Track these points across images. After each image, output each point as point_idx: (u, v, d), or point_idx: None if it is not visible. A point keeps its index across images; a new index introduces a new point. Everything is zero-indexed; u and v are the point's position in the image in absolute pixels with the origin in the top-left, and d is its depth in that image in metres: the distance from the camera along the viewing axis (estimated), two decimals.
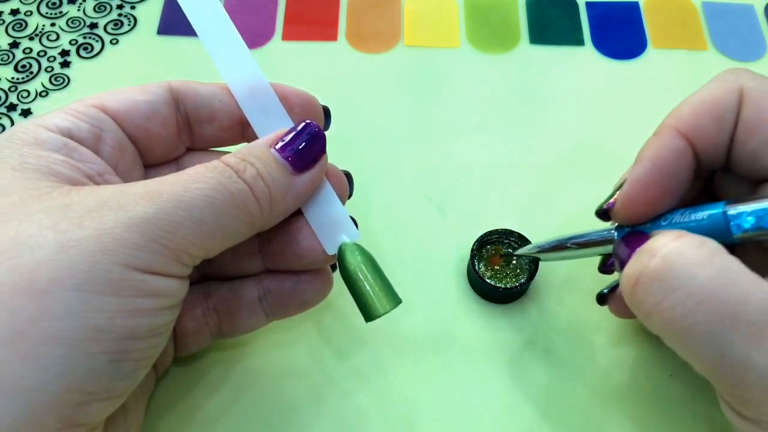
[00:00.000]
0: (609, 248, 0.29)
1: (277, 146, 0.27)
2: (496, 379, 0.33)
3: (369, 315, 0.28)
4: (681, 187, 0.27)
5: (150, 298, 0.23)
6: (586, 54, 0.45)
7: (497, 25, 0.46)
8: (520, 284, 0.34)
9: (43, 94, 0.42)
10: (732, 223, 0.25)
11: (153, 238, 0.22)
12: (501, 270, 0.34)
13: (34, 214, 0.22)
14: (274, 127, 0.28)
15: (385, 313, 0.28)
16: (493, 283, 0.34)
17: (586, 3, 0.47)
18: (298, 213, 0.29)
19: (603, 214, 0.29)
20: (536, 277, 0.34)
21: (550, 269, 0.36)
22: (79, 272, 0.21)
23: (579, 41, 0.45)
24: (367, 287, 0.28)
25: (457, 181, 0.39)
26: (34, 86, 0.42)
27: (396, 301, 0.28)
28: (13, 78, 0.43)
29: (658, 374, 0.33)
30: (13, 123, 0.41)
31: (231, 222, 0.25)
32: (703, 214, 0.26)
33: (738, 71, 0.27)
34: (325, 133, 0.28)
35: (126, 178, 0.27)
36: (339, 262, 0.29)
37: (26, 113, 0.41)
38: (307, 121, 0.28)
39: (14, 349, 0.20)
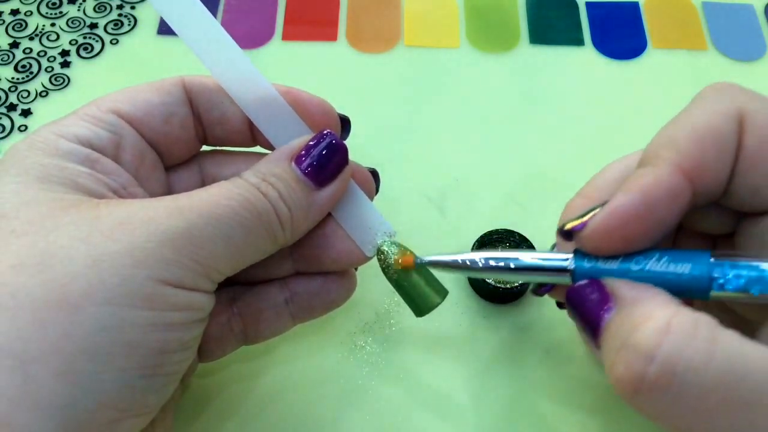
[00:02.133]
0: (560, 278, 0.25)
1: (297, 161, 0.26)
2: (496, 378, 0.33)
3: (421, 311, 0.28)
4: (666, 231, 0.24)
5: (181, 312, 0.23)
6: (586, 54, 0.45)
7: (497, 25, 0.46)
8: (520, 284, 0.34)
9: (43, 94, 0.42)
10: (715, 283, 0.22)
11: (184, 253, 0.22)
12: None
13: (63, 226, 0.22)
14: (289, 136, 0.27)
15: (436, 306, 0.28)
16: (493, 283, 0.34)
17: (586, 3, 0.47)
18: (331, 216, 0.28)
19: (566, 234, 0.25)
20: None
21: None
22: (112, 286, 0.21)
23: (579, 41, 0.45)
24: (416, 284, 0.28)
25: (457, 181, 0.39)
26: (34, 86, 0.42)
27: (444, 292, 0.29)
28: (13, 78, 0.43)
29: None
30: (13, 123, 0.41)
31: (257, 240, 0.25)
32: (684, 267, 0.23)
33: (730, 90, 0.24)
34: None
35: (147, 184, 0.27)
36: (380, 262, 0.29)
37: (26, 113, 0.41)
38: (326, 132, 0.27)
39: (48, 364, 0.20)
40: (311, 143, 0.26)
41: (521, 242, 0.35)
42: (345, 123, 0.29)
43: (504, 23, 0.46)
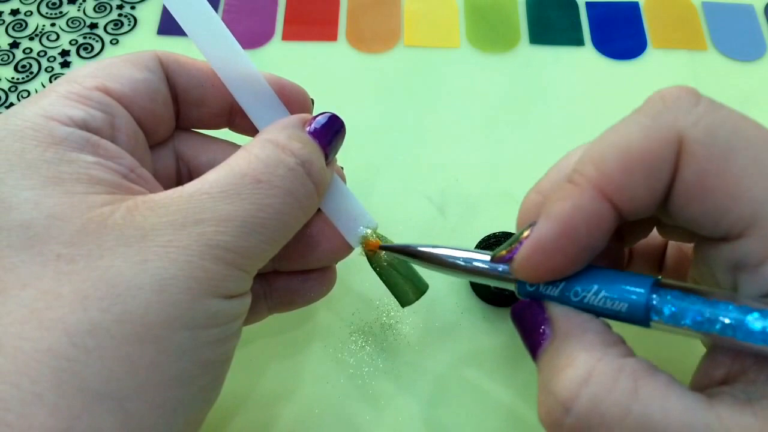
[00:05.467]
0: (508, 285, 0.25)
1: (312, 132, 0.26)
2: (496, 380, 0.33)
3: (406, 300, 0.30)
4: (594, 254, 0.23)
5: (238, 320, 0.23)
6: (586, 54, 0.45)
7: (497, 25, 0.46)
8: None
9: None
10: (652, 316, 0.21)
11: (235, 266, 0.22)
12: None
13: (112, 249, 0.21)
14: (270, 120, 0.27)
15: (418, 299, 0.30)
16: (497, 287, 0.34)
17: (586, 3, 0.47)
18: (316, 217, 0.29)
19: (498, 261, 0.24)
20: None
21: None
22: (185, 311, 0.21)
23: (579, 41, 0.45)
24: (401, 274, 0.29)
25: (457, 181, 0.39)
26: (34, 86, 0.42)
27: (425, 286, 0.30)
28: (13, 78, 0.43)
29: None
30: None
31: (294, 227, 0.25)
32: (622, 305, 0.22)
33: (677, 106, 0.22)
34: None
35: (141, 166, 0.26)
36: (366, 253, 0.29)
37: None
38: (332, 113, 0.27)
39: (142, 399, 0.20)
40: (324, 120, 0.26)
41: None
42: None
43: (504, 23, 0.46)
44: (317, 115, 0.27)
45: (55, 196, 0.21)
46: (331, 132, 0.26)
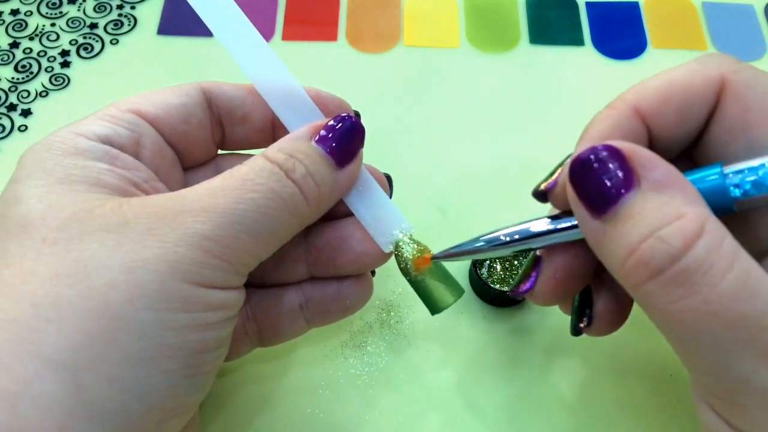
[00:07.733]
0: (553, 238, 0.25)
1: (319, 140, 0.26)
2: (496, 379, 0.33)
3: (436, 308, 0.28)
4: None
5: (216, 311, 0.23)
6: (586, 54, 0.45)
7: (497, 25, 0.46)
8: None
9: (43, 94, 0.42)
10: (731, 186, 0.22)
11: (214, 255, 0.23)
12: (504, 273, 0.34)
13: (93, 233, 0.22)
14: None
15: (450, 305, 0.28)
16: (498, 287, 0.34)
17: (586, 3, 0.47)
18: (346, 217, 0.28)
19: (541, 195, 0.26)
20: None
21: None
22: (151, 292, 0.21)
23: (579, 41, 0.45)
24: (432, 283, 0.28)
25: (457, 181, 0.39)
26: (34, 86, 0.42)
27: (459, 291, 0.28)
28: (13, 78, 0.43)
29: (658, 374, 0.33)
30: (13, 123, 0.41)
31: (283, 226, 0.25)
32: (699, 186, 0.22)
33: (723, 57, 0.24)
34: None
35: (167, 182, 0.27)
36: (397, 257, 0.28)
37: (26, 113, 0.41)
38: (344, 113, 0.27)
39: (97, 372, 0.20)
40: (332, 123, 0.26)
41: None
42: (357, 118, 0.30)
43: (504, 23, 0.46)
44: (331, 121, 0.26)
45: (59, 192, 0.23)
46: (337, 135, 0.26)
